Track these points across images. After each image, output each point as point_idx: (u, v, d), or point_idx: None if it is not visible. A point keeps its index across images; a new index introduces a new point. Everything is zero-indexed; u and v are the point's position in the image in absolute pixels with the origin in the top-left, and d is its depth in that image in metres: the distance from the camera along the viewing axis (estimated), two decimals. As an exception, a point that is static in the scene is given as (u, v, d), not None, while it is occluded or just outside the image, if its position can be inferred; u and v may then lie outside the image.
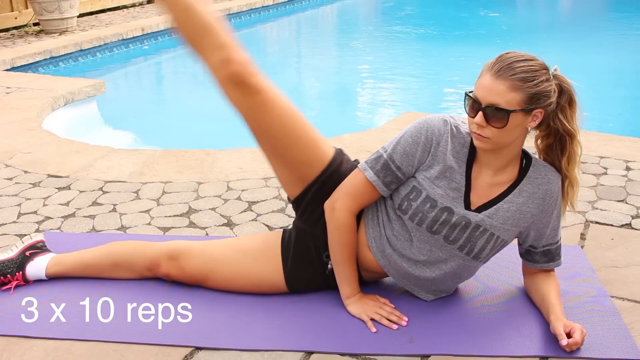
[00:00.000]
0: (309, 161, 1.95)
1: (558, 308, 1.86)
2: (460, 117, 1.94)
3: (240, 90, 1.88)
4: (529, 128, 1.78)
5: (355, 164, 2.00)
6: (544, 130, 1.85)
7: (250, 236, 2.15)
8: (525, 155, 1.89)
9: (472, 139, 1.85)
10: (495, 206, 1.85)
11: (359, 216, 1.97)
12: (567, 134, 1.82)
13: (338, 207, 1.90)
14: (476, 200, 1.86)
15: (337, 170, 1.97)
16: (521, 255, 2.01)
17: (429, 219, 1.85)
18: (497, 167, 1.84)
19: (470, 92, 1.76)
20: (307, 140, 1.95)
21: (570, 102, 1.80)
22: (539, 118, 1.76)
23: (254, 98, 1.88)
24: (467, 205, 1.85)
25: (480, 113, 1.71)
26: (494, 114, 1.70)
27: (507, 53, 1.74)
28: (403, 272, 1.94)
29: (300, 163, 1.95)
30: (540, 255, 1.95)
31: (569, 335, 1.77)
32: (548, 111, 1.77)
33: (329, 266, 1.99)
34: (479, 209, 1.85)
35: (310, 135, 1.96)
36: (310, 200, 1.98)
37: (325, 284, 2.03)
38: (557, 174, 1.88)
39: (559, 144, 1.85)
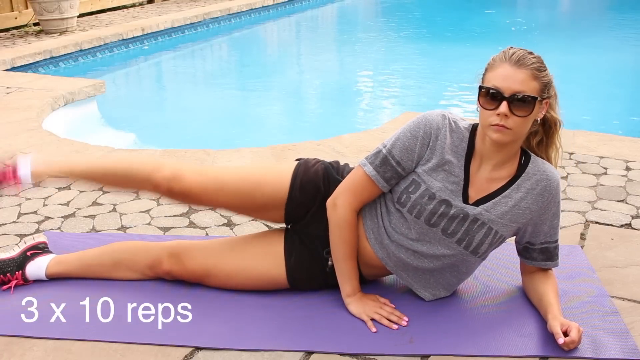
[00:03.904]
0: (275, 190, 2.02)
1: (555, 307, 1.86)
2: (460, 115, 1.94)
3: (181, 197, 2.07)
4: (539, 120, 1.81)
5: (324, 162, 2.07)
6: (534, 125, 1.87)
7: (252, 234, 2.17)
8: (524, 152, 1.90)
9: (470, 134, 1.87)
10: (493, 200, 1.86)
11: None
12: (553, 124, 1.87)
13: (339, 203, 1.92)
14: (474, 194, 1.87)
15: (305, 174, 2.02)
16: (519, 252, 2.01)
17: (427, 211, 1.86)
18: (498, 162, 1.85)
19: (482, 86, 1.77)
20: (261, 179, 2.05)
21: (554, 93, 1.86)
22: (545, 109, 1.80)
23: (193, 194, 2.04)
24: (465, 199, 1.86)
25: (504, 103, 1.71)
26: (519, 103, 1.72)
27: (512, 48, 1.78)
28: (401, 263, 1.95)
29: (268, 197, 2.02)
30: (538, 253, 1.95)
31: (566, 334, 1.77)
32: (550, 103, 1.81)
33: (330, 262, 2.00)
34: (477, 203, 1.86)
35: (260, 173, 2.10)
36: (295, 211, 2.02)
37: (325, 281, 2.04)
38: (557, 172, 1.89)
39: (545, 137, 1.91)
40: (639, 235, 2.51)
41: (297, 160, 2.11)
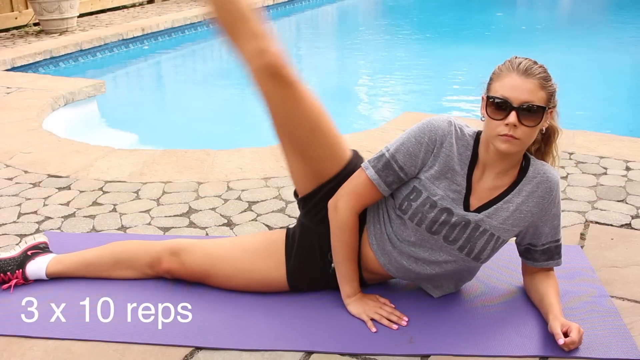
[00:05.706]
0: (329, 158, 1.95)
1: (556, 307, 1.86)
2: (462, 117, 1.94)
3: (275, 81, 1.86)
4: (544, 129, 1.81)
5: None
6: (537, 134, 1.86)
7: (252, 234, 2.16)
8: (524, 156, 1.89)
9: (475, 142, 1.86)
10: (494, 206, 1.86)
11: (362, 215, 1.97)
12: (552, 132, 1.88)
13: (341, 206, 1.90)
14: (476, 202, 1.87)
15: (353, 171, 1.95)
16: (520, 254, 2.01)
17: (428, 220, 1.85)
18: (501, 170, 1.85)
19: (489, 96, 1.76)
20: (330, 138, 1.95)
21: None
22: (550, 118, 1.80)
23: (286, 90, 1.87)
24: (467, 207, 1.86)
25: (513, 112, 1.71)
26: (528, 113, 1.71)
27: (517, 57, 1.77)
28: (403, 269, 1.95)
29: (320, 159, 1.95)
30: (540, 254, 1.95)
31: (566, 335, 1.77)
32: (554, 112, 1.81)
33: (333, 265, 2.00)
34: (478, 210, 1.86)
35: (333, 133, 1.97)
36: (321, 198, 1.97)
37: (326, 283, 2.04)
38: (556, 172, 1.89)
39: (544, 145, 1.91)
40: (639, 235, 2.51)
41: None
